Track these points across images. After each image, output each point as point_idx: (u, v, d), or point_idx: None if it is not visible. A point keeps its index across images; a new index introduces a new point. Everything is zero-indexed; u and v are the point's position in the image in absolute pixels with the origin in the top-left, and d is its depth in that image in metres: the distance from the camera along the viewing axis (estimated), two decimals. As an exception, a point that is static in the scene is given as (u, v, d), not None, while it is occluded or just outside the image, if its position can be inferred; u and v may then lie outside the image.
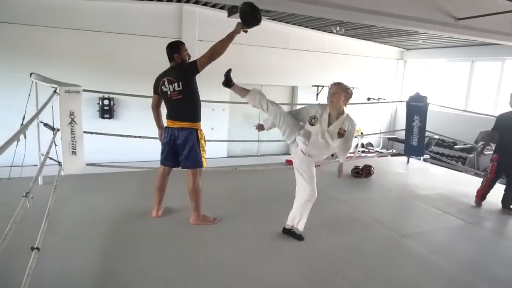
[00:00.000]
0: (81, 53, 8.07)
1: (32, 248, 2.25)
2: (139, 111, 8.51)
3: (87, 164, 4.24)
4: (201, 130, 3.37)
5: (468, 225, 3.86)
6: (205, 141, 3.41)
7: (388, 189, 5.08)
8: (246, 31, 3.25)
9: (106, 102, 8.37)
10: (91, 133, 4.36)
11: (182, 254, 2.94)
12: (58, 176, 3.68)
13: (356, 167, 5.51)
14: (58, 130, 3.78)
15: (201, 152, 3.32)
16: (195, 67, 3.18)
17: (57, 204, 3.65)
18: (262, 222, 3.66)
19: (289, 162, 6.21)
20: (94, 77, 7.81)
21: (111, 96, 8.23)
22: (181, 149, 3.28)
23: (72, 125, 3.76)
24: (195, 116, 3.33)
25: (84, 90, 4.04)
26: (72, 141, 3.81)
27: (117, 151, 7.79)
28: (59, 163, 3.89)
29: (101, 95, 8.01)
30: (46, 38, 7.72)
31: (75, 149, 3.88)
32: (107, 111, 8.43)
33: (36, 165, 4.24)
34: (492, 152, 8.30)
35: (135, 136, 4.99)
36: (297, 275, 2.73)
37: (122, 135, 5.03)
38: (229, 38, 3.15)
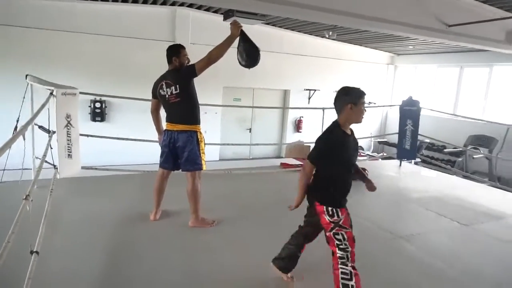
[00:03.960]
0: (74, 55, 7.99)
1: (32, 252, 2.22)
2: (131, 114, 8.47)
3: (82, 167, 4.20)
4: (201, 133, 3.37)
5: (462, 227, 3.93)
6: (205, 144, 3.41)
7: (383, 192, 5.13)
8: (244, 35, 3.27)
9: (97, 105, 8.30)
10: (87, 135, 4.32)
11: (183, 258, 2.92)
12: (54, 179, 3.63)
13: (351, 170, 5.55)
14: (54, 132, 3.73)
15: (201, 155, 3.32)
16: (192, 71, 3.18)
17: (54, 207, 3.60)
18: (261, 224, 3.67)
19: (284, 165, 6.26)
20: (87, 80, 7.74)
21: (102, 98, 8.15)
22: (181, 152, 3.28)
23: (68, 128, 3.72)
24: (194, 119, 3.33)
25: (80, 93, 4.01)
26: (68, 144, 3.77)
27: (110, 154, 7.69)
28: (55, 167, 3.84)
29: (92, 97, 7.92)
30: (39, 40, 7.63)
31: (70, 152, 3.84)
32: (98, 114, 8.35)
33: (30, 169, 4.19)
34: (482, 156, 8.46)
35: (131, 139, 4.95)
36: (297, 279, 2.74)
37: (118, 138, 4.99)
38: (228, 42, 3.16)
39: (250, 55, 3.27)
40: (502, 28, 6.65)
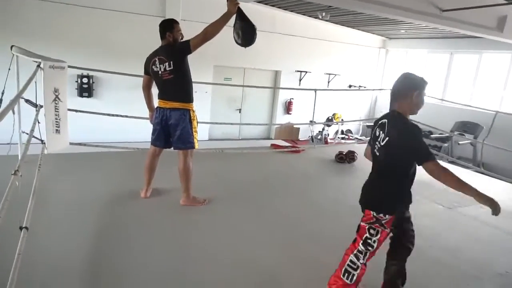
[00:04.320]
0: (60, 28, 7.69)
1: (21, 228, 2.19)
2: (120, 91, 8.29)
3: (70, 143, 4.11)
4: (193, 111, 3.33)
5: (447, 210, 4.04)
6: (197, 122, 3.38)
7: (371, 175, 5.22)
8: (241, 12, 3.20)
9: (85, 80, 8.07)
10: (76, 111, 4.22)
11: (173, 237, 2.93)
12: (42, 154, 3.56)
13: (340, 153, 5.61)
14: (41, 106, 3.63)
15: (193, 133, 3.30)
16: (187, 47, 3.11)
17: (43, 183, 3.53)
18: (251, 205, 3.70)
19: (275, 146, 6.27)
20: (73, 54, 7.48)
21: (90, 74, 7.94)
22: (173, 130, 3.24)
23: (56, 102, 3.61)
24: (187, 97, 3.28)
25: (69, 67, 3.88)
26: (56, 119, 3.67)
27: (98, 131, 7.57)
28: (42, 142, 3.75)
29: (79, 72, 7.70)
30: (23, 11, 7.30)
31: (59, 127, 3.74)
32: (86, 89, 8.13)
33: (17, 143, 4.09)
34: (467, 142, 8.60)
35: (121, 116, 4.85)
36: (289, 260, 2.79)
37: (108, 114, 4.89)
38: (224, 19, 3.09)
39: (246, 33, 3.21)
40: (494, 15, 6.67)
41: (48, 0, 7.41)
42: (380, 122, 2.24)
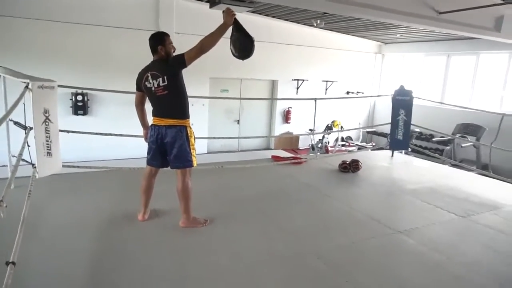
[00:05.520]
0: (53, 46, 7.59)
1: (7, 263, 2.00)
2: (115, 107, 8.17)
3: (63, 165, 3.93)
4: (190, 127, 3.16)
5: (460, 220, 3.85)
6: (194, 138, 3.21)
7: (377, 184, 5.05)
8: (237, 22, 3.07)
9: (79, 97, 7.94)
10: (68, 131, 4.05)
11: (175, 262, 2.73)
12: (32, 179, 3.38)
13: (344, 162, 5.44)
14: (31, 128, 3.46)
15: (191, 151, 3.12)
16: (182, 61, 2.96)
17: (33, 210, 3.35)
18: (255, 223, 3.51)
19: (276, 158, 6.10)
20: (67, 72, 7.40)
21: (85, 91, 7.80)
22: (170, 148, 3.07)
23: (47, 123, 3.43)
24: (183, 113, 3.12)
25: (59, 86, 3.72)
26: (47, 141, 3.49)
27: (94, 149, 7.43)
28: (33, 165, 3.57)
29: (74, 90, 7.57)
30: (14, 29, 7.19)
31: (50, 149, 3.56)
32: (80, 107, 8.00)
33: (6, 165, 3.92)
34: (470, 144, 8.46)
35: (114, 135, 4.69)
36: (298, 280, 2.60)
37: (101, 134, 4.72)
38: (220, 31, 2.94)
39: (244, 46, 3.08)
40: (491, 15, 6.60)
41: (39, 19, 7.32)
42: None
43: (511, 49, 8.50)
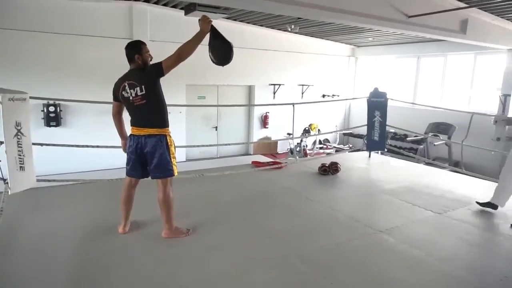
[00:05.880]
0: (23, 56, 7.33)
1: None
2: (90, 117, 7.97)
3: (37, 180, 3.79)
4: (170, 136, 3.12)
5: (437, 216, 3.98)
6: (175, 147, 3.18)
7: (357, 185, 5.15)
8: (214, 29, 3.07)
9: (51, 108, 7.68)
10: (41, 144, 3.92)
11: (159, 274, 2.68)
12: (4, 195, 3.25)
13: (323, 165, 5.52)
14: (2, 143, 3.32)
15: (172, 160, 3.09)
16: (160, 70, 2.93)
17: (6, 228, 3.24)
18: (239, 229, 3.50)
19: (256, 164, 6.10)
20: (39, 82, 7.17)
21: (57, 102, 7.57)
22: (150, 157, 3.02)
23: (19, 137, 3.31)
24: (163, 122, 3.09)
25: (31, 98, 3.60)
26: (20, 155, 3.36)
27: (70, 161, 7.20)
28: (5, 181, 3.42)
29: (45, 101, 7.33)
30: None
31: (23, 163, 3.42)
32: (53, 118, 7.74)
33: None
34: (442, 142, 8.75)
35: (91, 146, 4.57)
36: (286, 284, 2.61)
37: (77, 146, 4.59)
38: (198, 38, 2.94)
39: (222, 52, 3.09)
40: (456, 18, 6.91)
41: (8, 28, 7.06)
42: None
43: (476, 50, 8.91)
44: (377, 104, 6.17)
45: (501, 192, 4.05)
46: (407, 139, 10.23)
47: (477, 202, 4.24)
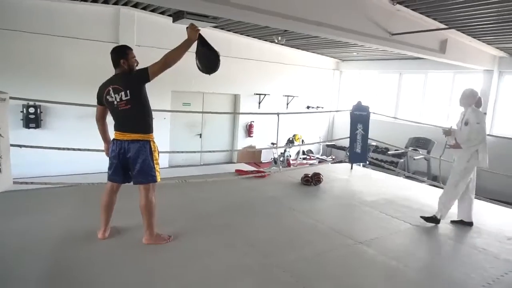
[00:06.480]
0: (4, 55, 7.16)
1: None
2: (71, 120, 7.82)
3: (14, 182, 3.70)
4: (154, 142, 3.12)
5: (415, 228, 4.07)
6: (158, 153, 3.17)
7: (339, 196, 5.22)
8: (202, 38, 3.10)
9: (31, 110, 7.51)
10: (20, 146, 3.83)
11: (140, 280, 2.65)
12: (-21, 198, 3.15)
13: (306, 175, 5.58)
14: (-21, 144, 3.23)
15: (155, 166, 3.07)
16: (145, 75, 2.93)
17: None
18: (221, 236, 3.49)
19: (240, 172, 6.11)
20: (19, 83, 7.01)
21: (37, 103, 7.41)
22: (133, 163, 3.00)
23: (-3, 138, 3.24)
24: (147, 127, 3.08)
25: (11, 98, 3.54)
26: (-3, 157, 3.28)
27: (47, 164, 7.03)
28: (-20, 183, 3.32)
29: (25, 102, 7.17)
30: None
31: (0, 165, 3.35)
32: (32, 120, 7.56)
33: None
34: (421, 157, 8.95)
35: (72, 149, 4.49)
36: (264, 293, 2.61)
37: (58, 148, 4.50)
38: (185, 46, 2.96)
39: (209, 60, 3.11)
40: (436, 38, 7.19)
41: (-12, 27, 6.91)
42: None
43: (455, 69, 9.25)
44: (359, 118, 6.30)
45: (443, 205, 4.15)
46: (388, 152, 10.45)
47: (421, 217, 4.29)
